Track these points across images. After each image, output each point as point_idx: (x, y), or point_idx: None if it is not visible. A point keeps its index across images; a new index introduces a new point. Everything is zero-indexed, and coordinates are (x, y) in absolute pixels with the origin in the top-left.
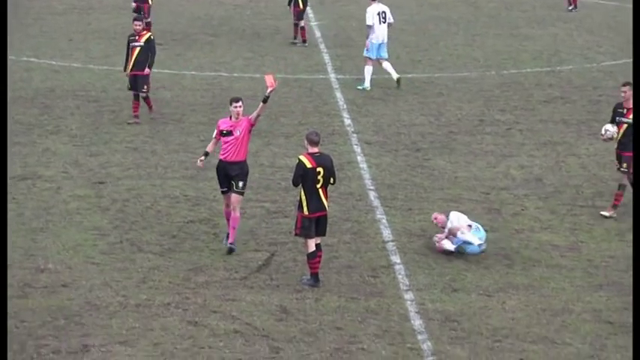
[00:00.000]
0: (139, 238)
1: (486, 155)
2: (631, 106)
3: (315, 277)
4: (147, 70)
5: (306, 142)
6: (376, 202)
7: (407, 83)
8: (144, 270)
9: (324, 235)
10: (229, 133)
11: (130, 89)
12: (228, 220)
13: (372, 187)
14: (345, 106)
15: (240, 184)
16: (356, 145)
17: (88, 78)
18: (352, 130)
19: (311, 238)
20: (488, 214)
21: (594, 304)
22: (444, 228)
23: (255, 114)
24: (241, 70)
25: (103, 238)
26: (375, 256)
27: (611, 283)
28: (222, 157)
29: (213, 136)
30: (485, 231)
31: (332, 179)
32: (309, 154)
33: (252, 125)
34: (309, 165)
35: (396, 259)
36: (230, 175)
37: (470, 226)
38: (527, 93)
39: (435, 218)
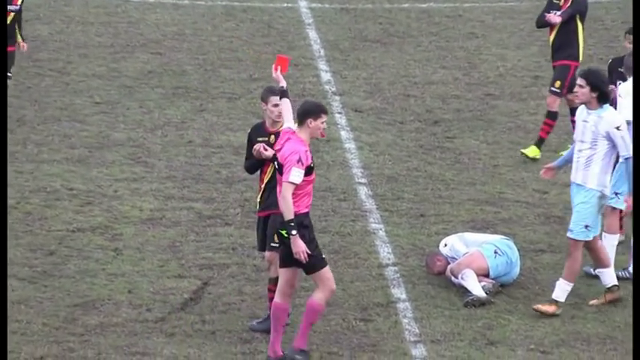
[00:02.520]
0: None
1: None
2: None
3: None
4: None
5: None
6: (370, 204)
7: (420, 16)
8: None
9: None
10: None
11: None
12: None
13: (363, 180)
14: (322, 52)
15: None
16: (339, 113)
17: None
18: (333, 90)
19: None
20: (545, 224)
21: None
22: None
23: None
24: None
25: None
26: (366, 287)
27: None
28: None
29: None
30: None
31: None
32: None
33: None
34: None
35: (399, 292)
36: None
37: (495, 251)
38: (609, 35)
39: (438, 260)
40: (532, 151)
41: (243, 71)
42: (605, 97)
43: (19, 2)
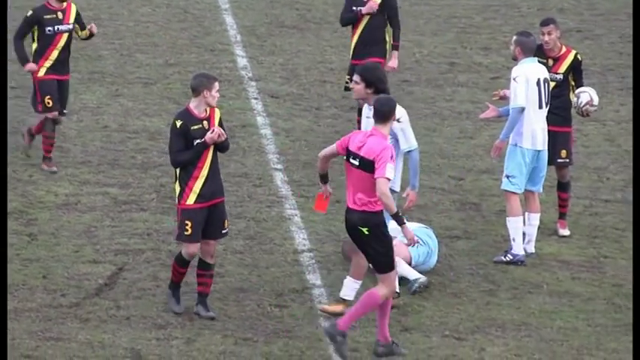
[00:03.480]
0: None
1: (459, 119)
2: (559, 54)
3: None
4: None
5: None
6: (285, 190)
7: (336, 2)
8: None
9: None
10: None
11: None
12: None
13: (278, 166)
14: (238, 38)
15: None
16: (255, 99)
17: None
18: (249, 75)
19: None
20: (460, 211)
21: (623, 355)
22: None
23: None
24: None
25: None
26: (282, 273)
27: None
28: None
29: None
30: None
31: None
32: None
33: None
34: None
35: (314, 278)
36: None
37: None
38: (524, 22)
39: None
40: None
41: (159, 56)
42: (381, 93)
43: (71, 20)
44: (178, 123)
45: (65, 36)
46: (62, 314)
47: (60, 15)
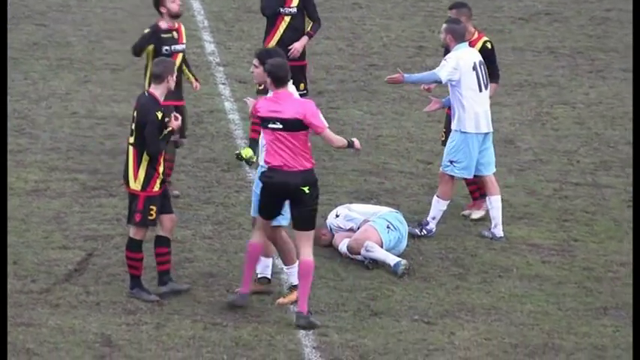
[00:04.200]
0: None
1: (427, 103)
2: (470, 39)
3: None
4: None
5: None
6: (253, 175)
7: None
8: None
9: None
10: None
11: None
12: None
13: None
14: (206, 23)
15: None
16: (223, 84)
17: None
18: (217, 60)
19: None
20: (429, 195)
21: (594, 339)
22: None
23: None
24: None
25: None
26: None
27: (620, 305)
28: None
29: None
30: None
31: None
32: (145, 90)
33: None
34: (134, 105)
35: (282, 263)
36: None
37: (388, 226)
38: (493, 5)
39: (323, 234)
40: (246, 152)
41: (127, 43)
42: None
43: (185, 40)
44: (159, 114)
45: (180, 56)
46: (32, 300)
47: (175, 34)
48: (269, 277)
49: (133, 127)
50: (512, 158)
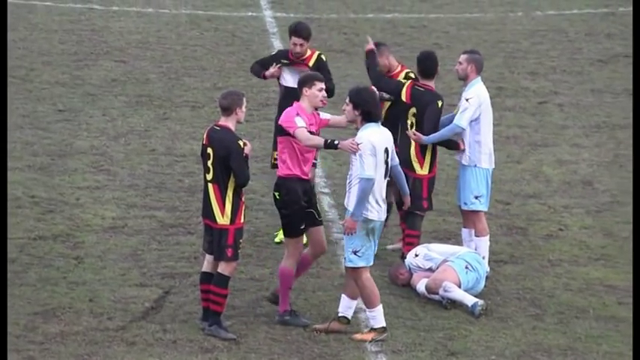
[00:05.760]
0: None
1: (507, 143)
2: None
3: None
4: None
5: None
6: (332, 214)
7: (385, 26)
8: None
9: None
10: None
11: None
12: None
13: (325, 190)
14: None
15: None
16: None
17: None
18: None
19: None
20: (507, 235)
21: None
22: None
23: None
24: (123, 1)
25: None
26: (328, 297)
27: None
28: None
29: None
30: (493, 268)
31: (226, 169)
32: (215, 125)
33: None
34: (204, 142)
35: (360, 303)
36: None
37: (466, 266)
38: (572, 46)
39: (401, 274)
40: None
41: (206, 80)
42: (369, 116)
43: (311, 64)
44: (241, 143)
45: None
46: (108, 337)
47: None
48: (349, 317)
49: (210, 163)
50: (590, 200)
